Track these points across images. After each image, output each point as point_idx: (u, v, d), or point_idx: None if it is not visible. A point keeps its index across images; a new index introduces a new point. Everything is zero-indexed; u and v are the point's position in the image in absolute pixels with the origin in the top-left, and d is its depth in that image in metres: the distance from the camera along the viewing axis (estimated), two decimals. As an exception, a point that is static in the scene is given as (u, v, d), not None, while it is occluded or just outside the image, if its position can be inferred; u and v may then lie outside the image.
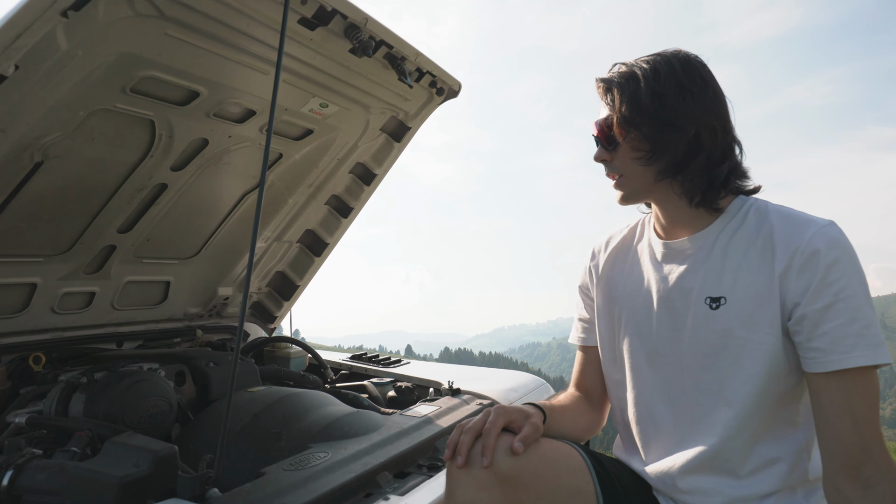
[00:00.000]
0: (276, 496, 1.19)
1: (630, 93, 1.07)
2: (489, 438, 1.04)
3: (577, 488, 1.09)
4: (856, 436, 0.94)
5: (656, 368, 1.15)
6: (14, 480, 1.14)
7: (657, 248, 1.19)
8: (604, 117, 1.13)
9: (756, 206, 1.09)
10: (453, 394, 2.10)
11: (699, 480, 1.07)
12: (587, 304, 1.36)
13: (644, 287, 1.19)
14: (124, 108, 1.63)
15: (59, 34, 1.28)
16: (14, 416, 1.58)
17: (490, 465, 1.01)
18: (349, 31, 1.68)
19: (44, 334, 2.06)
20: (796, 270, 0.98)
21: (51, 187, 1.71)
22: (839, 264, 0.95)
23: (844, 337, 0.94)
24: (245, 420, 1.67)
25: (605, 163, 1.15)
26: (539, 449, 1.08)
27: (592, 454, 1.17)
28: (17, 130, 1.45)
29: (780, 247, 1.01)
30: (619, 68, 1.12)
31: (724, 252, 1.07)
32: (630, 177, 1.12)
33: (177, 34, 1.48)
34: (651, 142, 1.07)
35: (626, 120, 1.07)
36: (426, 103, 2.29)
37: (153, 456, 1.16)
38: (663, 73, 1.06)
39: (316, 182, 2.47)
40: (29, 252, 1.88)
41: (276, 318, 2.97)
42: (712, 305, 1.06)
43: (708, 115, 1.05)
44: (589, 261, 1.36)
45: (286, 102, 1.95)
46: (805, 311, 0.97)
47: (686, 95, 1.05)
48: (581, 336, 1.38)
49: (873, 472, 0.93)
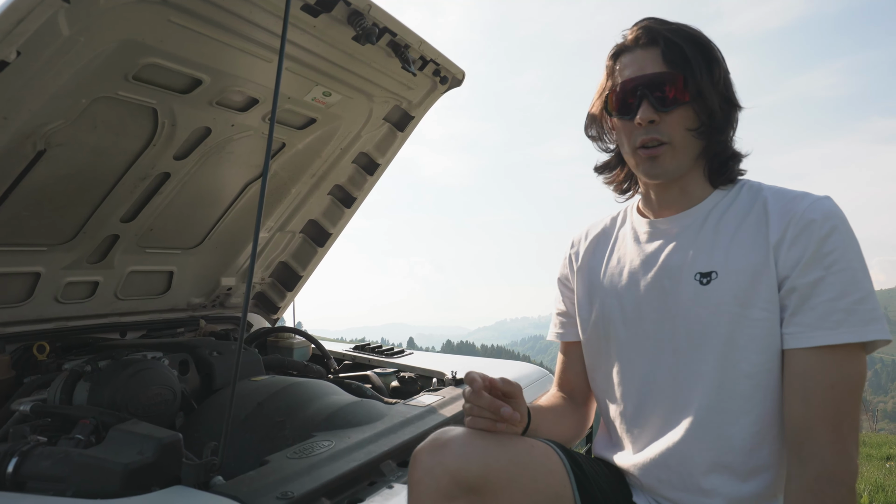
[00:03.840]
0: (280, 484, 1.19)
1: (705, 57, 0.99)
2: (480, 399, 1.00)
3: (554, 492, 1.01)
4: (824, 412, 0.88)
5: (644, 353, 1.09)
6: (19, 467, 1.15)
7: (641, 229, 1.14)
8: (661, 73, 0.99)
9: (748, 184, 1.06)
10: (456, 384, 2.10)
11: (698, 476, 1.00)
12: (566, 295, 1.31)
13: (628, 270, 1.13)
14: (126, 96, 1.62)
15: (61, 20, 1.27)
16: (19, 404, 1.58)
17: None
18: (352, 18, 1.67)
19: (47, 324, 2.06)
20: (789, 241, 0.93)
21: (54, 176, 1.71)
22: (834, 235, 0.91)
23: (832, 312, 0.89)
24: (249, 409, 1.67)
25: (652, 125, 1.01)
26: (511, 450, 1.00)
27: (569, 453, 1.10)
28: (19, 118, 1.44)
29: (773, 217, 0.96)
30: (673, 27, 1.01)
31: (716, 227, 1.02)
32: (677, 147, 1.02)
33: (179, 21, 1.46)
34: (712, 114, 1.00)
35: (698, 85, 0.98)
36: (430, 92, 2.27)
37: (157, 443, 1.16)
38: (714, 45, 1.02)
39: (319, 172, 2.46)
40: (32, 241, 1.88)
41: (279, 309, 2.96)
42: (703, 281, 1.00)
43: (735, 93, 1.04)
44: (568, 249, 1.32)
45: (289, 91, 1.93)
46: (795, 284, 0.92)
47: (729, 73, 1.04)
48: (558, 332, 1.33)
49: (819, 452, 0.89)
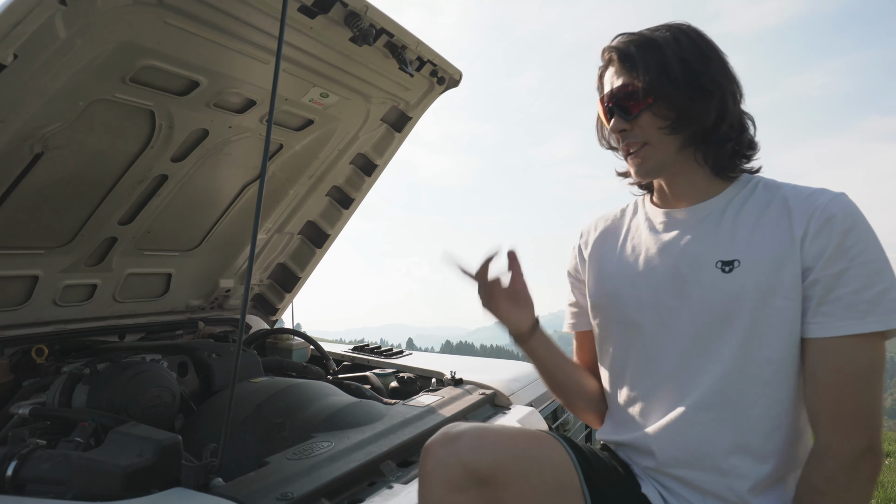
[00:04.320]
0: (280, 485, 1.19)
1: (655, 59, 1.03)
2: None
3: (561, 483, 1.04)
4: (851, 399, 0.93)
5: (661, 338, 1.10)
6: (18, 470, 1.14)
7: (657, 219, 1.16)
8: (620, 86, 1.07)
9: (764, 181, 1.08)
10: (455, 384, 2.10)
11: (718, 457, 1.01)
12: (576, 286, 1.33)
13: (644, 257, 1.15)
14: (124, 98, 1.62)
15: (58, 22, 1.27)
16: (17, 407, 1.58)
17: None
18: (350, 20, 1.67)
19: (46, 327, 2.06)
20: (812, 234, 0.96)
21: (51, 179, 1.70)
22: (856, 230, 0.94)
23: (858, 303, 0.92)
24: (248, 410, 1.67)
25: (624, 133, 1.10)
26: (520, 443, 1.04)
27: (575, 445, 1.12)
28: (16, 120, 1.44)
29: (796, 211, 0.98)
30: (631, 38, 1.08)
31: (735, 219, 1.05)
32: (655, 146, 1.07)
33: (176, 23, 1.46)
34: (677, 109, 1.03)
35: (652, 87, 1.03)
36: (427, 93, 2.28)
37: (157, 445, 1.16)
38: (683, 39, 1.04)
39: (317, 173, 2.46)
40: (30, 244, 1.87)
41: (277, 311, 2.96)
42: (724, 269, 1.02)
43: (727, 79, 1.05)
44: (578, 240, 1.34)
45: (286, 92, 1.94)
46: (819, 276, 0.95)
47: (707, 60, 1.04)
48: (572, 322, 1.35)
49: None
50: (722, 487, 1.01)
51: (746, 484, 1.00)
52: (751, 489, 0.99)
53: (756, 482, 1.00)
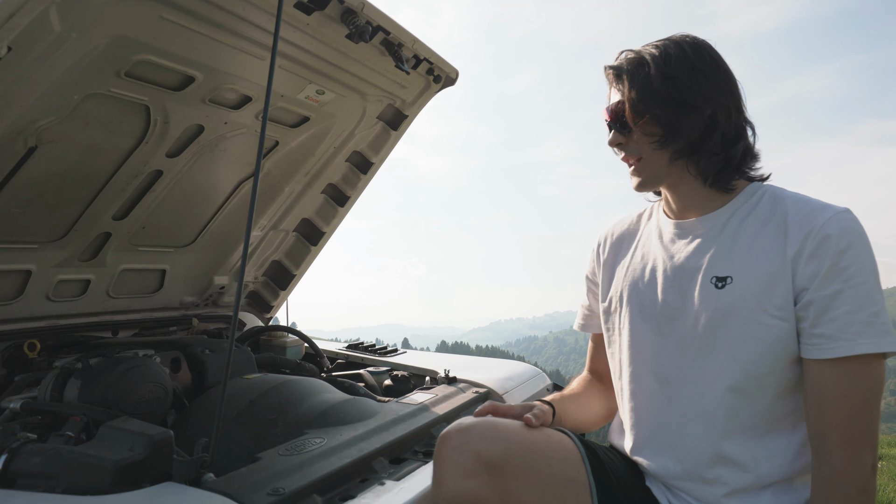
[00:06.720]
0: (272, 480, 1.19)
1: (641, 78, 1.08)
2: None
3: (568, 477, 1.08)
4: (844, 419, 0.95)
5: (656, 348, 1.14)
6: (8, 465, 1.14)
7: (666, 229, 1.19)
8: (615, 102, 1.13)
9: (771, 191, 1.09)
10: (449, 382, 2.10)
11: (702, 468, 1.06)
12: (591, 290, 1.38)
13: (650, 266, 1.19)
14: (119, 93, 1.62)
15: (53, 15, 1.26)
16: (9, 401, 1.57)
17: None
18: (346, 16, 1.67)
19: (39, 322, 2.05)
20: (807, 255, 0.97)
21: (45, 173, 1.70)
22: (851, 251, 0.95)
23: (851, 324, 0.94)
24: (241, 406, 1.67)
25: (621, 146, 1.15)
26: (529, 437, 1.08)
27: (585, 442, 1.16)
28: (10, 114, 1.43)
29: (793, 229, 1.00)
30: (628, 55, 1.12)
31: (736, 232, 1.07)
32: (648, 160, 1.12)
33: (172, 17, 1.46)
34: (664, 125, 1.07)
35: (638, 105, 1.08)
36: (423, 91, 2.28)
37: (148, 440, 1.16)
38: (673, 55, 1.07)
39: (312, 170, 2.46)
40: (23, 239, 1.86)
41: (272, 308, 2.96)
42: (718, 284, 1.05)
43: (721, 94, 1.06)
44: (596, 247, 1.38)
45: (282, 89, 1.93)
46: (813, 297, 0.97)
47: (698, 76, 1.06)
48: (581, 323, 1.43)
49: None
50: (707, 495, 1.05)
51: (725, 490, 1.04)
52: (727, 495, 1.04)
53: (735, 489, 1.03)
